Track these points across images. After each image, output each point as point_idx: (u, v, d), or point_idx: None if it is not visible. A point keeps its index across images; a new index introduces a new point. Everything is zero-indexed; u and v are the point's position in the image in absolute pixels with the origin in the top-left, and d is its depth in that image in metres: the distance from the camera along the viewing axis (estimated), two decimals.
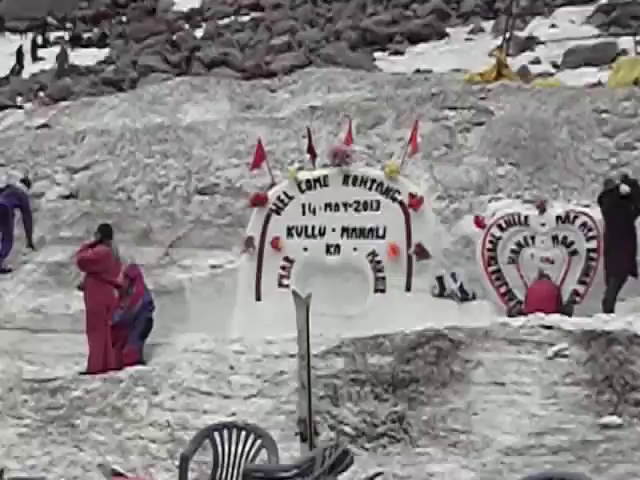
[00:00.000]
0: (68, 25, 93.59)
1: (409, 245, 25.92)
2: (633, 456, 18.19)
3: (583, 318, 23.66)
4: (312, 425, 18.42)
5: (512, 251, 27.07)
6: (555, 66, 58.24)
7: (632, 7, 68.26)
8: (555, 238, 26.97)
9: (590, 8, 72.22)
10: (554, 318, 23.27)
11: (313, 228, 26.51)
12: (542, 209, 27.28)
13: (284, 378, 20.84)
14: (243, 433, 14.23)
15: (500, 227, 27.27)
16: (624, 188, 26.41)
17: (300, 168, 27.17)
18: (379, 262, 26.01)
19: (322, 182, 26.67)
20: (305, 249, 26.38)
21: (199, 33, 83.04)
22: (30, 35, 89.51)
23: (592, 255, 26.49)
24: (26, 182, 31.32)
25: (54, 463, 17.41)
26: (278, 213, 26.67)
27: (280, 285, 25.64)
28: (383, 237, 26.12)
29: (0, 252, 29.45)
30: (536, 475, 11.28)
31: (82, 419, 20.12)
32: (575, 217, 27.03)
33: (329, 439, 17.18)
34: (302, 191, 26.67)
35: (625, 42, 57.88)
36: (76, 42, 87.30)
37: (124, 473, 16.46)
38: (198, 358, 22.47)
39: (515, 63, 51.71)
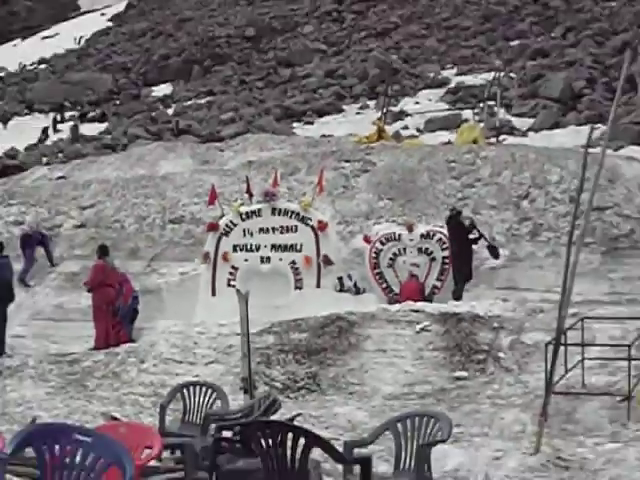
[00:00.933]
0: (78, 107, 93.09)
1: (318, 256, 26.12)
2: (476, 398, 18.28)
3: (440, 304, 23.83)
4: (251, 382, 18.33)
5: (390, 259, 27.14)
6: (419, 130, 58.52)
7: (471, 89, 68.60)
8: (420, 249, 27.14)
9: (442, 90, 72.56)
10: (420, 305, 23.54)
11: (251, 245, 26.61)
12: (410, 229, 27.42)
13: (232, 350, 20.84)
14: (204, 389, 14.16)
15: (381, 242, 27.35)
16: (463, 217, 26.84)
17: (241, 204, 27.09)
18: (297, 268, 26.15)
19: (257, 213, 26.78)
20: (246, 260, 26.48)
21: (170, 111, 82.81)
22: (51, 114, 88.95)
23: (445, 261, 26.70)
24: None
25: (72, 413, 17.32)
26: (227, 235, 26.72)
27: (228, 285, 25.61)
28: (300, 251, 26.24)
29: (25, 269, 29.27)
30: (409, 412, 11.24)
31: (91, 381, 20.04)
32: (434, 234, 27.20)
33: (264, 392, 17.10)
34: (243, 220, 26.77)
35: (466, 114, 58.10)
36: (84, 119, 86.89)
37: (120, 418, 16.36)
38: (172, 337, 22.43)
39: (391, 129, 51.75)
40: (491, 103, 55.20)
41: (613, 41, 72.50)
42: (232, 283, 25.64)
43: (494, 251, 26.97)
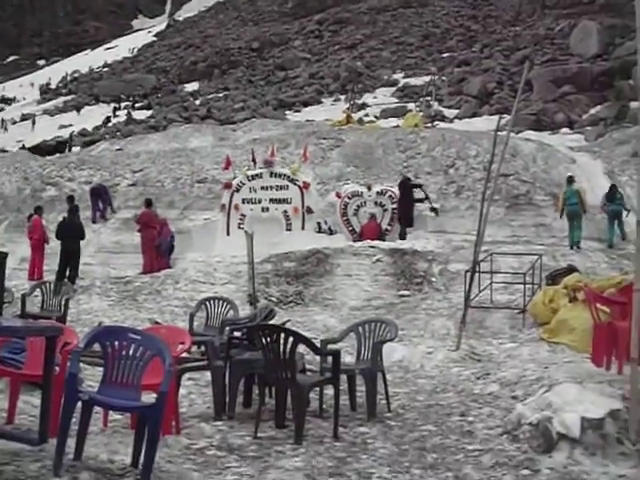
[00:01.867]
0: (131, 99, 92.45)
1: (303, 207, 26.01)
2: (415, 310, 18.35)
3: (390, 242, 23.84)
4: (255, 297, 18.34)
5: (354, 209, 27.02)
6: (376, 117, 58.19)
7: (414, 88, 68.28)
8: (376, 202, 27.03)
9: (393, 88, 72.22)
10: (376, 242, 23.55)
11: (255, 199, 26.42)
12: (369, 188, 27.35)
13: (241, 274, 20.84)
14: (221, 302, 14.15)
15: (348, 197, 27.23)
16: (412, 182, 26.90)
17: (248, 169, 26.96)
18: (288, 216, 26.01)
19: (259, 176, 26.59)
20: (251, 210, 26.27)
21: (197, 102, 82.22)
22: (112, 104, 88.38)
23: (394, 211, 26.61)
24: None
25: (127, 319, 17.27)
26: (237, 192, 26.50)
27: (239, 228, 25.45)
28: (290, 203, 26.12)
29: (102, 211, 29.39)
30: (367, 319, 11.28)
31: (140, 297, 19.96)
32: (386, 192, 27.10)
33: (264, 304, 17.12)
34: (249, 180, 26.57)
35: (410, 106, 57.96)
36: (135, 107, 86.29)
37: (161, 322, 16.36)
38: (198, 265, 22.38)
39: (356, 116, 51.55)
40: (428, 98, 55.18)
41: (516, 55, 72.23)
42: (241, 226, 25.52)
43: (435, 211, 27.11)
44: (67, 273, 22.06)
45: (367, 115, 59.61)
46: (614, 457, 7.60)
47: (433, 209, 27.12)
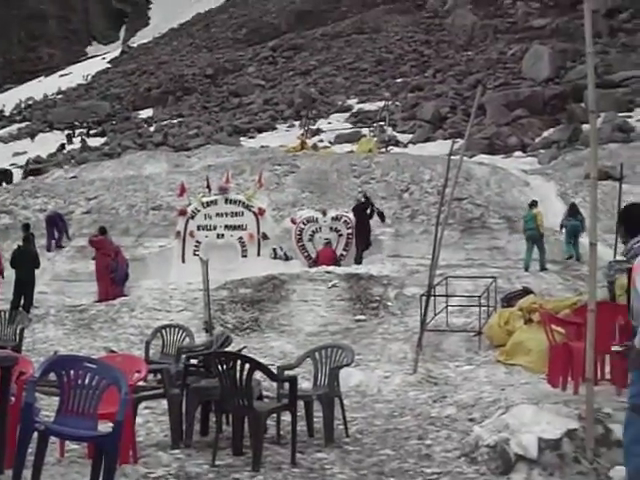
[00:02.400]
0: (85, 126, 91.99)
1: (259, 233, 26.13)
2: (371, 334, 18.36)
3: (346, 267, 23.88)
4: (211, 324, 18.29)
5: (309, 235, 27.15)
6: (330, 143, 58.29)
7: (368, 113, 68.56)
8: (331, 228, 27.17)
9: (347, 114, 72.44)
10: (331, 268, 23.57)
11: (210, 226, 26.54)
12: (324, 214, 27.45)
13: (197, 301, 20.69)
14: (177, 329, 14.08)
15: (303, 223, 27.37)
16: (365, 203, 26.92)
17: (203, 196, 26.97)
18: (244, 242, 26.14)
19: (214, 202, 26.71)
20: (206, 236, 26.39)
21: (152, 129, 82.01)
22: (66, 131, 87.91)
23: (350, 236, 26.73)
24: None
25: (82, 348, 17.17)
26: (192, 219, 26.62)
27: (194, 254, 25.45)
28: (245, 229, 26.28)
29: (57, 240, 29.29)
30: (323, 344, 11.29)
31: (95, 325, 19.84)
32: (341, 217, 27.26)
33: (220, 331, 17.05)
34: (204, 207, 26.69)
35: (364, 131, 58.27)
36: (90, 134, 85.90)
37: (117, 351, 16.23)
38: (153, 292, 22.26)
39: (310, 142, 51.66)
40: (382, 123, 55.40)
41: (468, 79, 72.69)
42: (196, 253, 25.52)
43: (381, 216, 27.26)
44: (22, 302, 21.86)
45: (321, 141, 59.64)
46: (572, 477, 7.69)
47: (380, 214, 27.19)
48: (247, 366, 8.49)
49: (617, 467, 7.63)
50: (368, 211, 26.72)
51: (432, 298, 16.17)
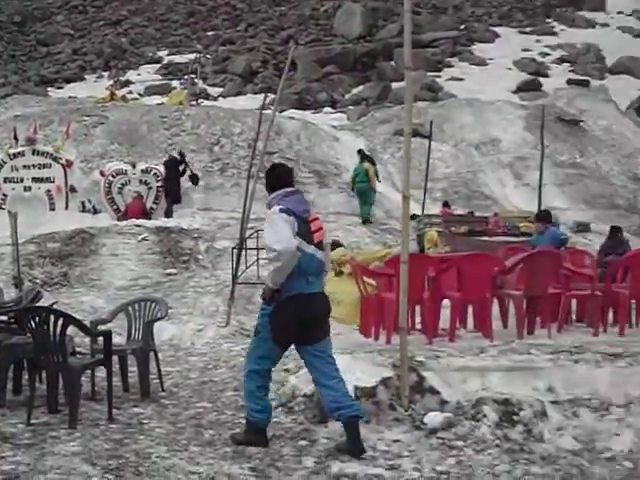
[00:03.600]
0: None
1: (67, 186, 25.83)
2: (183, 288, 18.60)
3: (156, 221, 23.73)
4: (20, 279, 17.81)
5: (119, 188, 26.71)
6: (140, 94, 57.35)
7: (178, 66, 67.69)
8: (140, 180, 26.82)
9: (158, 66, 71.38)
10: (141, 221, 23.42)
11: (17, 178, 26.00)
12: (134, 166, 27.17)
13: (5, 256, 19.86)
14: None
15: (112, 175, 26.90)
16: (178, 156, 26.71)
17: (10, 147, 26.16)
18: (51, 195, 25.72)
19: (21, 154, 26.14)
20: (13, 189, 25.83)
21: None
22: None
23: (159, 189, 26.47)
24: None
25: None
26: None
27: (1, 208, 24.72)
28: (53, 182, 25.86)
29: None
30: (136, 298, 11.18)
31: None
32: (151, 170, 27.06)
33: (29, 286, 16.56)
34: (11, 159, 26.07)
35: (175, 83, 57.88)
36: None
37: None
38: None
39: (120, 93, 50.56)
40: (193, 76, 54.94)
41: (281, 35, 72.75)
42: (3, 206, 24.79)
43: (194, 179, 27.08)
44: None
45: (131, 92, 58.58)
46: (388, 423, 7.94)
47: (193, 177, 27.03)
48: (61, 321, 8.32)
49: (431, 413, 7.97)
50: (181, 168, 26.47)
51: (243, 251, 16.23)
